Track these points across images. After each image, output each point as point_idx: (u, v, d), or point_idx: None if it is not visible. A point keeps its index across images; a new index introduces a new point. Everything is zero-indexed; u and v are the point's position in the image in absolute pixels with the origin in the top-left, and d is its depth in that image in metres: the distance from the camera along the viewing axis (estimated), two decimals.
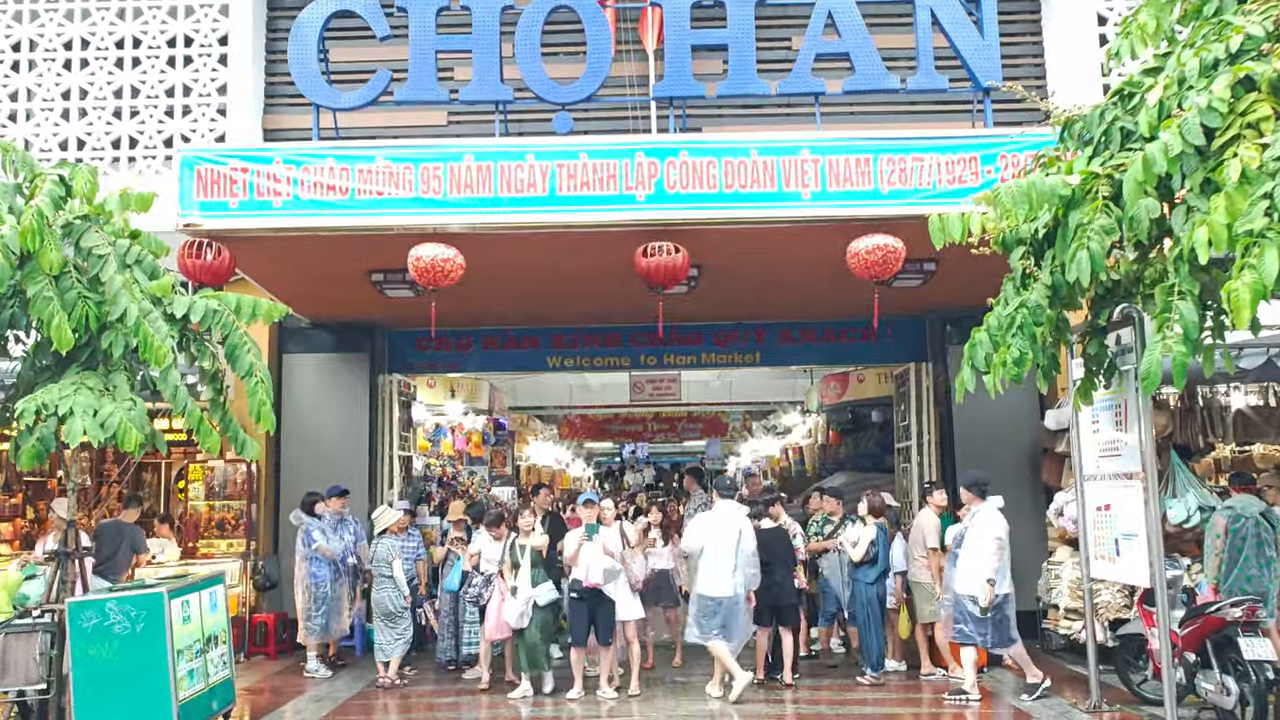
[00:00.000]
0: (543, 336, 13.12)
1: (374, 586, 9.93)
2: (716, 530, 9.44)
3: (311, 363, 12.61)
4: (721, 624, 9.25)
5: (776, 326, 13.06)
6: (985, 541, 8.83)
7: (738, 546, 9.22)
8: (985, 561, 8.76)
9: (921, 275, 10.46)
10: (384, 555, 9.85)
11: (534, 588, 9.12)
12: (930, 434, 12.37)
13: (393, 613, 9.82)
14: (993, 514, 9.09)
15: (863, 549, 9.65)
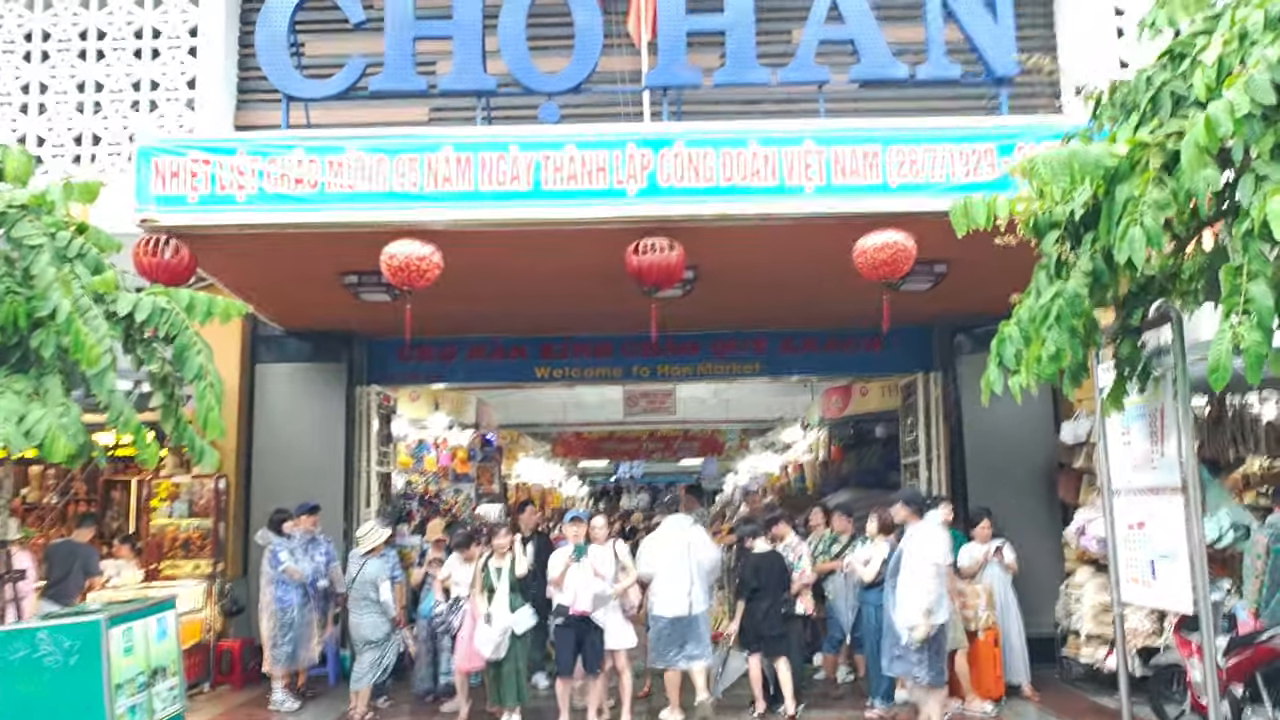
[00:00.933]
0: (530, 346, 12.45)
1: (354, 610, 9.17)
2: (665, 548, 9.01)
3: (285, 373, 11.94)
4: (681, 644, 8.75)
5: (777, 335, 12.41)
6: (923, 566, 7.92)
7: (689, 561, 8.85)
8: (922, 589, 7.86)
9: (932, 277, 9.83)
10: (371, 577, 9.14)
11: (512, 613, 8.40)
12: (939, 448, 11.71)
13: (374, 640, 9.08)
14: (932, 534, 8.17)
15: (875, 569, 8.95)
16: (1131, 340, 6.74)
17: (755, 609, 8.72)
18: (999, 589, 9.69)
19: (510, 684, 8.32)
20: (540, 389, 17.98)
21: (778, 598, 8.81)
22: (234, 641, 10.71)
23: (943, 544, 8.07)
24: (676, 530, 9.25)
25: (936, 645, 7.89)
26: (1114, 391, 6.86)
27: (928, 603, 7.74)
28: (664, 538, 9.23)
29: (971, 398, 11.69)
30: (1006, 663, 9.49)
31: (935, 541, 8.00)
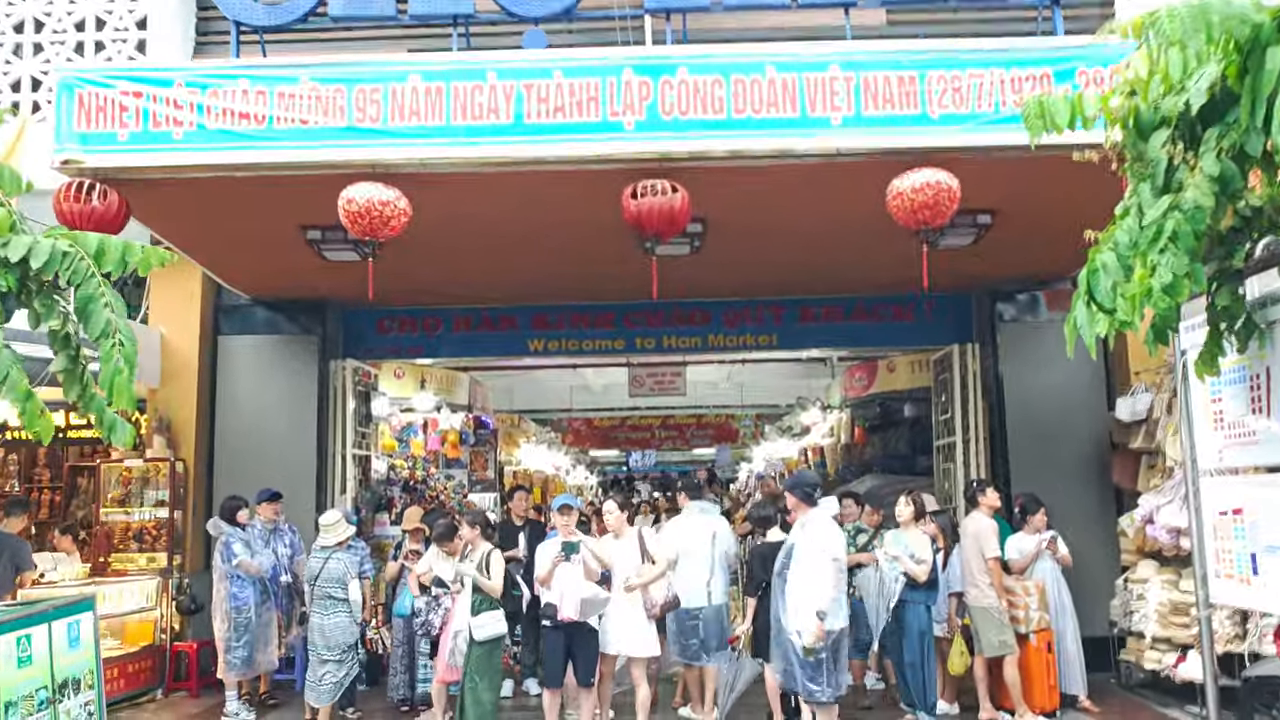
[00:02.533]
0: (522, 316, 11.29)
1: (317, 612, 8.00)
2: (688, 535, 8.27)
3: (251, 346, 10.81)
4: (700, 638, 8.03)
5: (795, 303, 11.21)
6: (818, 560, 6.53)
7: (713, 550, 8.18)
8: (817, 588, 6.47)
9: (974, 230, 8.62)
10: (338, 574, 7.99)
11: (473, 616, 7.25)
12: (978, 429, 10.48)
13: (339, 647, 7.93)
14: (826, 525, 6.79)
15: (929, 565, 7.76)
16: (1230, 288, 5.50)
17: (770, 606, 7.52)
18: (1052, 586, 8.50)
19: (470, 700, 7.13)
20: (539, 368, 17.01)
21: None
22: (191, 643, 9.59)
23: (838, 536, 6.75)
24: (702, 516, 8.48)
25: (835, 655, 6.56)
26: (1207, 350, 5.65)
27: (823, 603, 6.38)
28: (689, 523, 8.36)
29: (1015, 372, 10.53)
30: (1061, 670, 8.30)
31: (831, 533, 6.67)
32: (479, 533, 7.43)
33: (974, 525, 8.17)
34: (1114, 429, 10.01)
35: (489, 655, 7.17)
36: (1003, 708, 8.12)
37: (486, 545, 7.38)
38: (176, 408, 10.35)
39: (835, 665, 6.55)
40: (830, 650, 6.47)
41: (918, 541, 7.89)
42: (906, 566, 7.91)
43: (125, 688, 8.95)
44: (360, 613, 8.04)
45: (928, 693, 7.71)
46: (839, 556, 6.55)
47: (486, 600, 7.19)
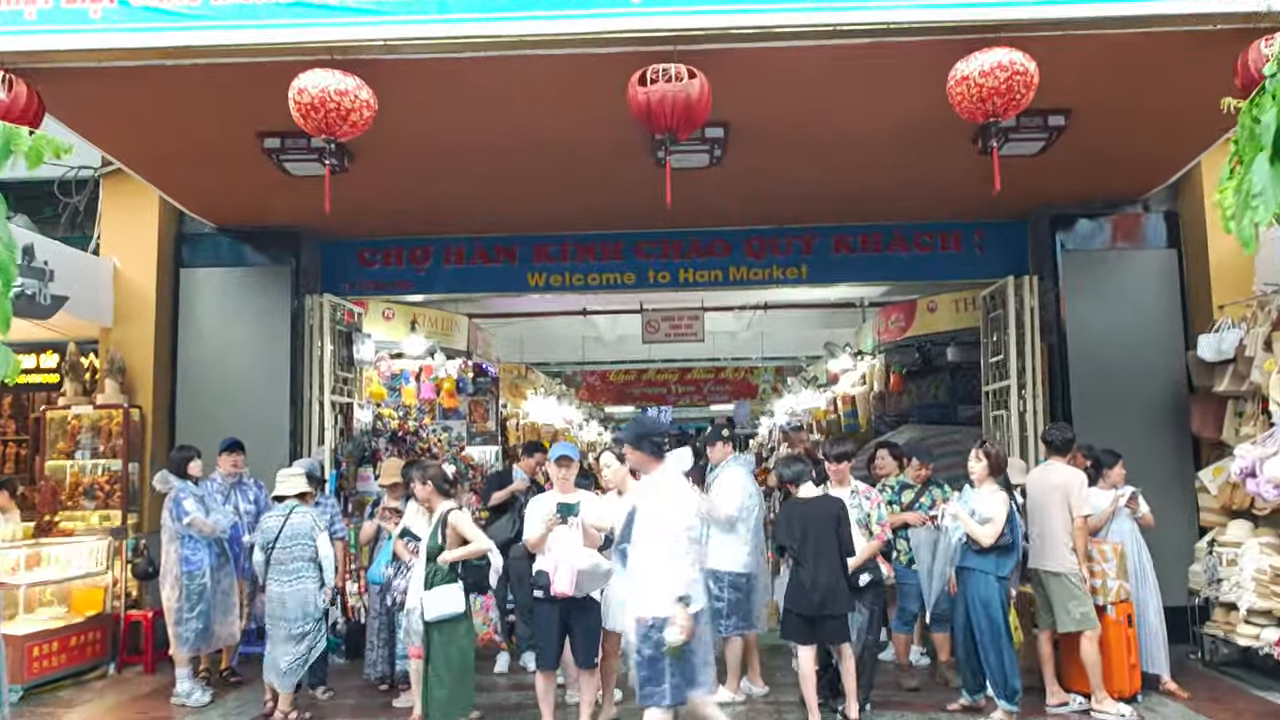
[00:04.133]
0: (521, 247, 10.07)
1: (277, 579, 6.82)
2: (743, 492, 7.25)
3: (217, 280, 9.65)
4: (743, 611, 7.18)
5: (828, 232, 9.95)
6: (669, 531, 5.03)
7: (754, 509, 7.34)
8: (675, 568, 4.97)
9: (1044, 135, 7.35)
10: (302, 531, 6.85)
11: (426, 591, 6.11)
12: (1035, 371, 9.23)
13: (307, 617, 6.80)
14: (677, 486, 5.26)
15: (998, 526, 6.54)
16: None
17: (807, 578, 6.36)
18: (1131, 550, 7.30)
19: (433, 689, 6.00)
20: (547, 315, 15.82)
21: (836, 562, 6.41)
22: (147, 612, 8.53)
23: (691, 499, 5.27)
24: (743, 470, 7.48)
25: (693, 648, 5.02)
26: None
27: (682, 585, 4.94)
28: (741, 479, 7.34)
29: (1078, 307, 9.27)
30: (1141, 647, 7.12)
31: (683, 496, 5.21)
32: (434, 490, 6.27)
33: (1058, 476, 6.94)
34: (1194, 370, 8.76)
35: (447, 636, 6.01)
36: (1072, 690, 6.96)
37: (447, 504, 6.22)
38: (132, 349, 9.22)
39: (698, 660, 5.05)
40: (695, 642, 5.03)
41: (989, 500, 6.68)
42: (968, 527, 6.71)
43: (69, 662, 7.92)
44: (333, 576, 6.93)
45: (1008, 677, 6.50)
46: (694, 525, 5.18)
47: (442, 571, 6.05)
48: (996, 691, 6.62)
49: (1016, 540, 6.69)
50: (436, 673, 6.03)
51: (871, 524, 6.96)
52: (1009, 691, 6.52)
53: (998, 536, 6.57)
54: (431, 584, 6.08)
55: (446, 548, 6.05)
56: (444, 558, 6.02)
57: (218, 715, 7.03)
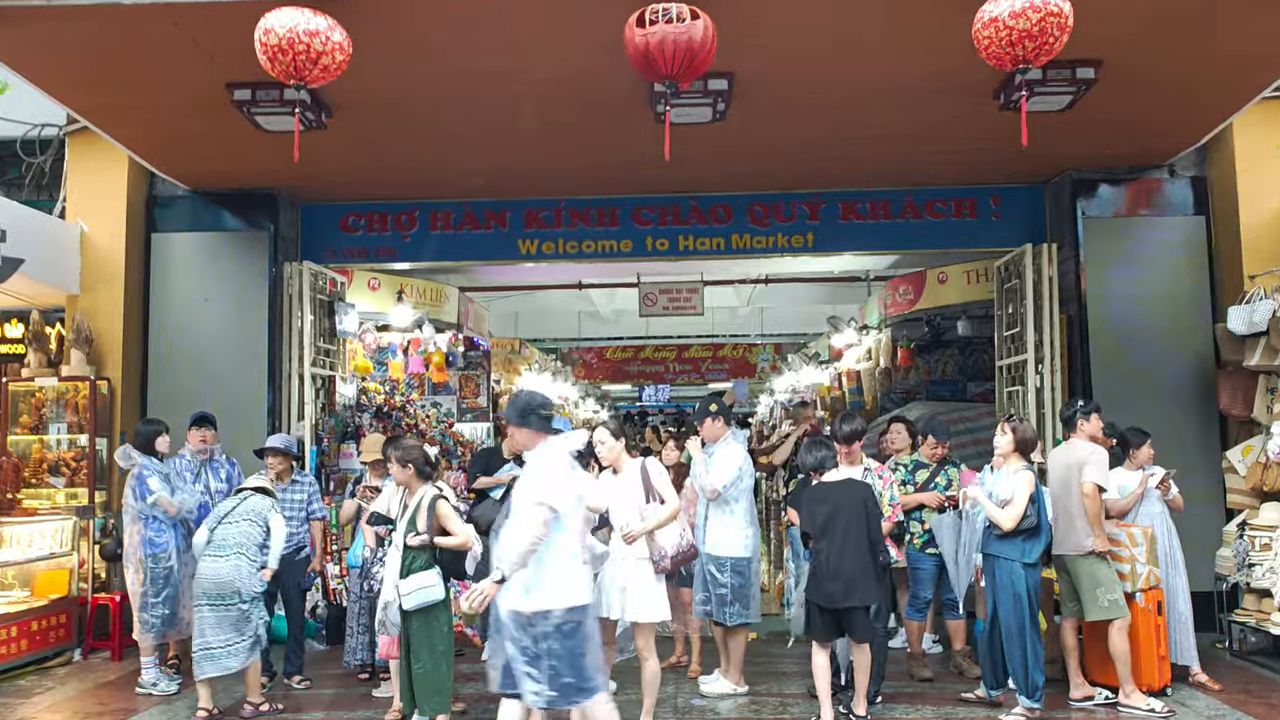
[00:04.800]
0: (513, 212, 9.55)
1: (210, 555, 6.19)
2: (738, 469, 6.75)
3: (191, 245, 9.14)
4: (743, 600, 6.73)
5: (835, 197, 9.43)
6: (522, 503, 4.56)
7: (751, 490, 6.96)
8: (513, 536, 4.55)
9: (1072, 88, 6.84)
10: (259, 509, 6.38)
11: (402, 579, 5.64)
12: (1053, 345, 8.75)
13: (239, 593, 6.19)
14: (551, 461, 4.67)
15: (1019, 508, 6.08)
16: None
17: (830, 567, 5.85)
18: (1162, 534, 6.85)
19: (418, 679, 5.59)
20: (542, 289, 15.35)
21: (863, 548, 5.91)
22: (114, 595, 8.06)
23: (562, 478, 4.61)
24: (742, 447, 6.96)
25: (574, 648, 4.47)
26: None
27: (512, 559, 4.44)
28: (736, 456, 6.80)
29: (1099, 277, 8.80)
30: (1171, 637, 6.69)
31: (553, 473, 4.60)
32: (414, 473, 5.79)
33: (1073, 453, 6.48)
34: (1223, 344, 8.31)
35: (428, 624, 5.59)
36: (1096, 683, 6.52)
37: (427, 490, 5.75)
38: (100, 317, 8.71)
39: (568, 654, 4.43)
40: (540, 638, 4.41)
41: (1010, 481, 6.21)
42: (988, 510, 6.25)
43: (30, 649, 7.47)
44: (277, 560, 6.39)
45: (1030, 672, 6.04)
46: (546, 500, 4.47)
47: (420, 558, 5.61)
48: (1018, 686, 6.17)
49: (1043, 523, 6.21)
50: (420, 661, 5.61)
51: (883, 504, 6.50)
52: (1031, 687, 6.07)
53: (1020, 519, 6.11)
54: (408, 571, 5.63)
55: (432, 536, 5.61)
56: (412, 541, 5.59)
57: (185, 706, 6.56)
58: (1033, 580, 6.18)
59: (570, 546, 4.54)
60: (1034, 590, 6.19)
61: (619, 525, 5.84)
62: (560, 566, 4.49)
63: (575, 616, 4.46)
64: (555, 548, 4.49)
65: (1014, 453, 6.20)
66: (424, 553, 5.70)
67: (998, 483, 6.32)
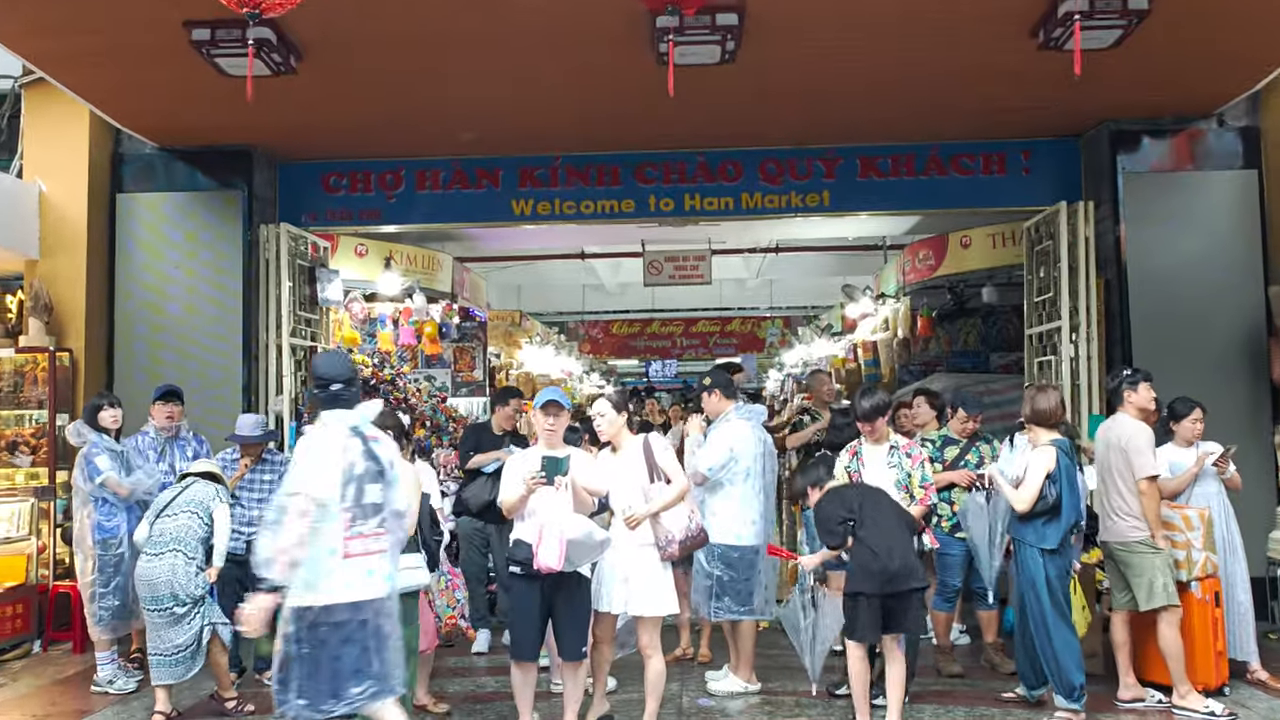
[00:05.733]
0: (505, 170, 8.88)
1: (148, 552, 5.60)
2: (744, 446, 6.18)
3: (159, 206, 8.49)
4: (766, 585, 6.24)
5: (853, 152, 8.74)
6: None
7: (762, 472, 6.23)
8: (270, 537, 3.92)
9: (1123, 22, 6.13)
10: (201, 499, 5.77)
11: None
12: (1090, 311, 8.08)
13: (175, 597, 5.55)
14: (315, 444, 4.09)
15: (1033, 488, 5.47)
16: None
17: (865, 550, 5.22)
18: (1219, 517, 6.21)
19: None
20: (543, 259, 14.71)
21: (901, 531, 5.31)
22: (75, 583, 7.46)
23: (315, 463, 3.97)
24: (747, 423, 6.29)
25: (337, 653, 3.88)
26: None
27: (278, 563, 3.81)
28: (742, 432, 6.19)
29: (1141, 237, 8.13)
30: (1228, 630, 6.06)
31: (311, 457, 4.00)
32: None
33: (1118, 431, 5.85)
34: (1276, 309, 7.65)
35: (405, 616, 4.92)
36: (1145, 682, 5.89)
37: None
38: (61, 284, 8.09)
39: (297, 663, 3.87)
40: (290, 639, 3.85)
41: (1023, 457, 5.62)
42: (1002, 489, 5.66)
43: None
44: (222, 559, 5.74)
45: (1063, 670, 5.44)
46: (315, 494, 3.89)
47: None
48: (1055, 687, 5.56)
49: (1064, 504, 5.54)
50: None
51: (913, 486, 5.86)
52: (1067, 687, 5.46)
53: (1034, 500, 5.48)
54: None
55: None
56: None
57: (142, 707, 5.97)
58: (1054, 568, 5.54)
59: (330, 541, 3.90)
60: (1057, 579, 5.55)
61: (620, 508, 5.22)
62: (317, 562, 3.87)
63: (334, 616, 3.85)
64: (317, 541, 3.88)
65: (1038, 423, 5.60)
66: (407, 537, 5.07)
67: (1012, 459, 5.71)
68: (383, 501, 4.06)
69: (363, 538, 3.98)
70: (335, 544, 3.91)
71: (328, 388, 4.12)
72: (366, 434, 4.11)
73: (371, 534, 4.02)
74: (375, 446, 4.11)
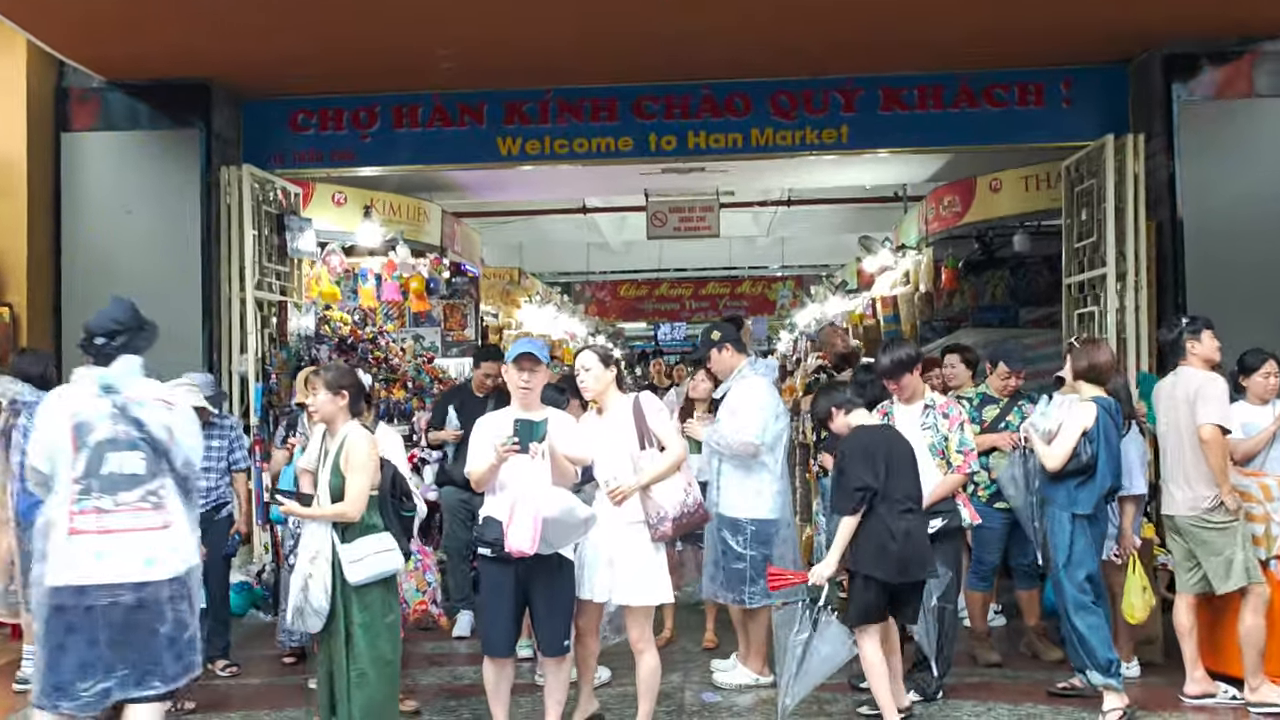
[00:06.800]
0: (490, 105, 8.06)
1: None
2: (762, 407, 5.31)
3: (109, 146, 7.72)
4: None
5: (876, 83, 7.90)
6: None
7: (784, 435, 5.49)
8: None
9: None
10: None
11: (345, 544, 4.19)
12: (1139, 256, 7.27)
13: None
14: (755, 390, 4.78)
15: (1067, 443, 4.73)
16: None
17: (883, 530, 4.48)
18: None
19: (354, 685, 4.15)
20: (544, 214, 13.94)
21: (918, 507, 4.59)
22: None
23: (39, 430, 3.61)
24: (765, 380, 5.49)
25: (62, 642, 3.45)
26: None
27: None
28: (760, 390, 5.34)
29: (1198, 175, 7.30)
30: None
31: (39, 419, 3.66)
32: (347, 404, 4.40)
33: (1185, 385, 5.08)
34: None
35: (374, 610, 4.19)
36: (1214, 673, 5.15)
37: (351, 427, 4.36)
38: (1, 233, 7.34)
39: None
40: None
41: (1059, 410, 4.89)
42: (1035, 445, 4.94)
43: None
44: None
45: (1090, 650, 4.72)
46: (34, 463, 3.57)
47: (368, 515, 4.25)
48: (1084, 665, 4.85)
49: (1101, 465, 4.81)
50: (359, 667, 4.18)
51: (950, 451, 5.10)
52: (1100, 664, 4.75)
53: (1067, 458, 4.78)
54: (349, 536, 4.25)
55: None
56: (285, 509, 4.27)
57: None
58: (1084, 538, 4.87)
59: (52, 515, 3.47)
60: (1084, 551, 4.86)
61: (604, 480, 4.47)
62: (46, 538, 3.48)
63: (56, 600, 3.41)
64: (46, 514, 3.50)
65: (1081, 376, 4.87)
66: (373, 509, 4.32)
67: (1046, 414, 4.96)
68: (146, 473, 3.50)
69: (99, 514, 3.45)
70: (58, 518, 3.43)
71: (91, 341, 3.59)
72: (127, 394, 3.52)
73: (118, 510, 3.46)
74: (139, 410, 3.52)
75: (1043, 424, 4.85)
